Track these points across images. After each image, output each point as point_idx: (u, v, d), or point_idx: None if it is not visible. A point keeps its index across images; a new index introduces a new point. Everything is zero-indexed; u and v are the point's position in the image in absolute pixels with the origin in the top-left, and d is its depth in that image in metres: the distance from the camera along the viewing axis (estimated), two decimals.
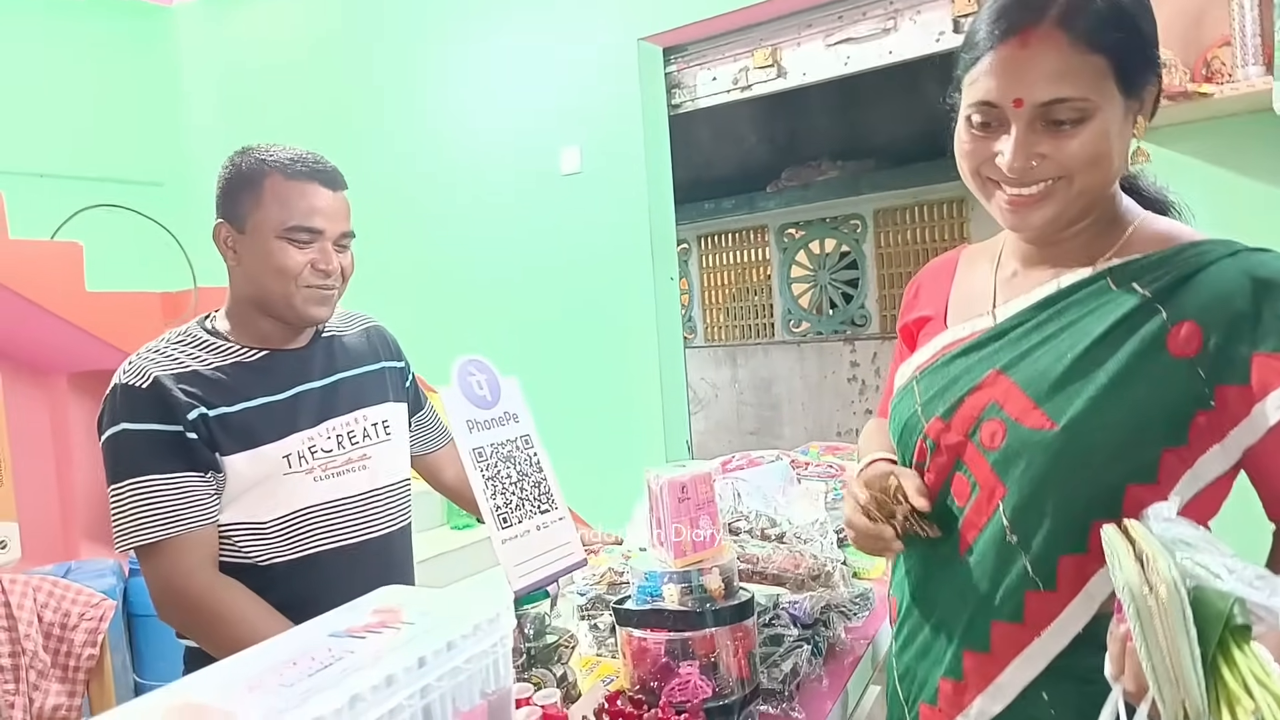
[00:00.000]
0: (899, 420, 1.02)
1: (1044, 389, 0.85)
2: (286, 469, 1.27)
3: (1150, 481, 0.81)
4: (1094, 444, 0.82)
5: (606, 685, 1.11)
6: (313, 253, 1.26)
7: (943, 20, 2.62)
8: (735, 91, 3.06)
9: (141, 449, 1.20)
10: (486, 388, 1.02)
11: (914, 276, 1.15)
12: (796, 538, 1.48)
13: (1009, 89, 0.82)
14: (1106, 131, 0.81)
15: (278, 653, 0.55)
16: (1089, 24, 0.79)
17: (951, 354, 0.96)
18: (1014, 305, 0.93)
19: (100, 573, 3.25)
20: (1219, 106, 1.89)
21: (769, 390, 5.81)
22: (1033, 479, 0.85)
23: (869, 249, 5.39)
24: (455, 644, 0.57)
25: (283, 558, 1.27)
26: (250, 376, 1.29)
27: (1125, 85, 0.82)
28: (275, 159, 1.27)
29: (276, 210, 1.25)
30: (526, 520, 0.98)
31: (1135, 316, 0.83)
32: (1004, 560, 0.88)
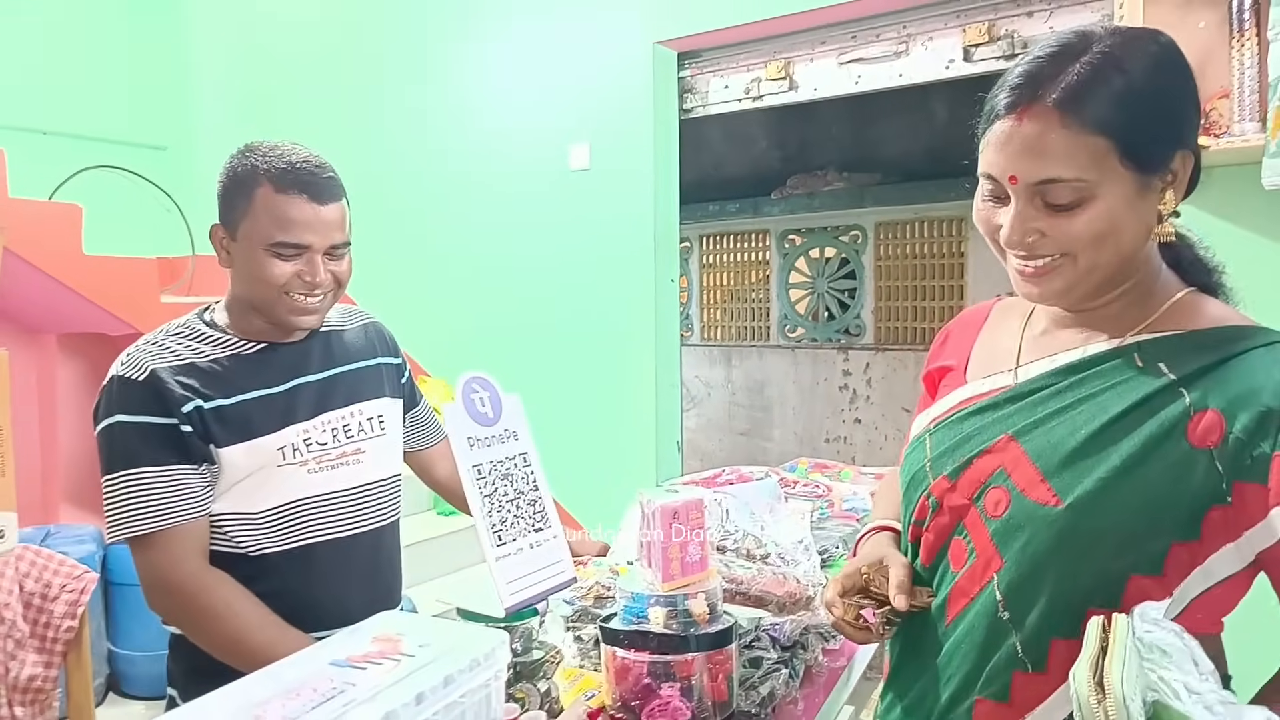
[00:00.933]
0: (908, 471, 1.00)
1: (1054, 463, 0.82)
2: (281, 460, 1.28)
3: (1156, 574, 0.78)
4: (1100, 528, 0.79)
5: (588, 700, 1.13)
6: (299, 264, 1.26)
7: (953, 48, 2.64)
8: (746, 101, 3.07)
9: (135, 440, 1.21)
10: (489, 405, 1.03)
11: (945, 325, 1.13)
12: (781, 559, 1.50)
13: (1006, 165, 0.82)
14: (1109, 211, 0.79)
15: (281, 681, 0.57)
16: (1088, 105, 0.78)
17: (967, 410, 0.94)
18: (1036, 367, 0.91)
19: (80, 538, 3.25)
20: (1215, 158, 1.92)
21: (761, 392, 5.84)
22: (1032, 555, 0.82)
23: (868, 260, 5.41)
24: (453, 679, 0.59)
25: (274, 548, 1.29)
26: (247, 368, 1.30)
27: (1136, 163, 0.79)
28: (270, 167, 1.25)
29: (265, 223, 1.25)
30: (521, 538, 1.00)
31: (1157, 398, 0.80)
32: (994, 635, 0.85)
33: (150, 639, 3.32)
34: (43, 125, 3.79)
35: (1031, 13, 2.48)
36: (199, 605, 1.20)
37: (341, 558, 1.34)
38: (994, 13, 2.55)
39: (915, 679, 0.95)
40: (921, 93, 3.31)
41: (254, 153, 1.28)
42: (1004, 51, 2.49)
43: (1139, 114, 0.79)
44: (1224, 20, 1.91)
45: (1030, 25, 2.48)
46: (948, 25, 2.65)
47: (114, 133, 4.02)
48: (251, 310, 1.33)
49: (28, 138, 3.68)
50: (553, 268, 3.33)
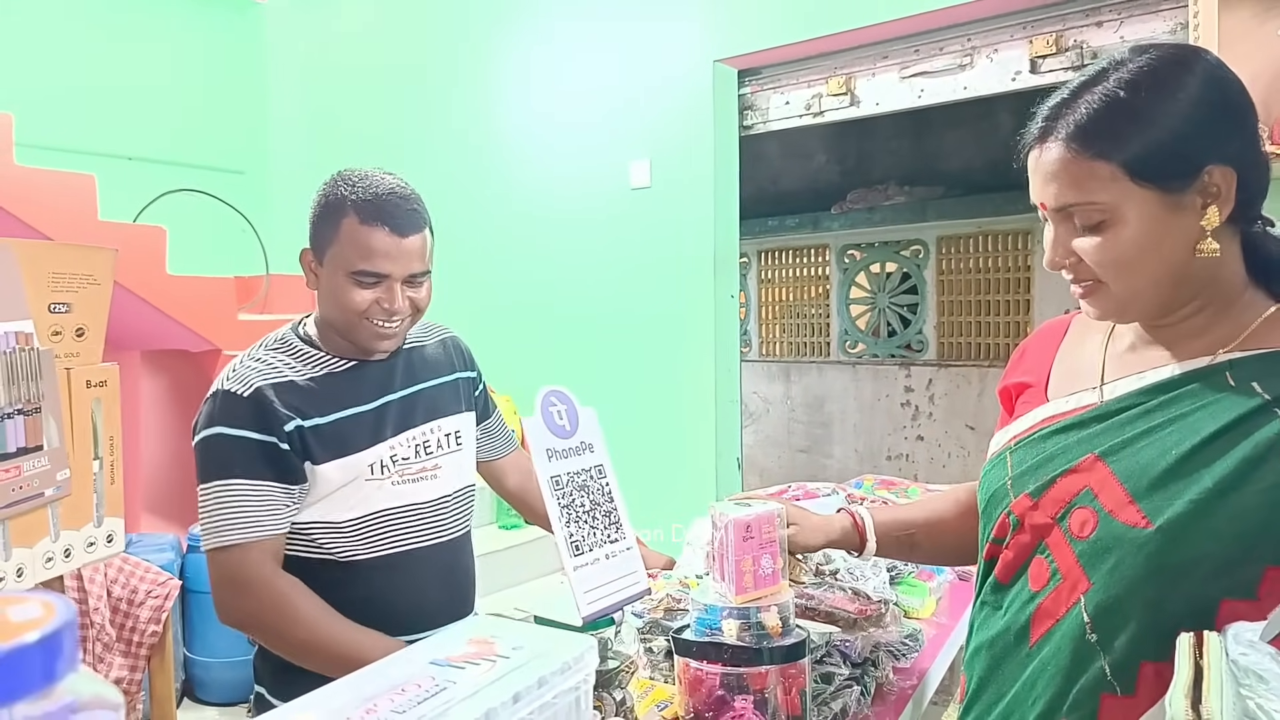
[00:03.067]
0: (987, 489, 0.99)
1: (1144, 484, 0.81)
2: (369, 475, 1.33)
3: (1250, 598, 0.76)
4: (1191, 552, 0.78)
5: (661, 711, 1.15)
6: (379, 292, 1.30)
7: (1020, 60, 2.61)
8: (807, 117, 3.07)
9: (233, 453, 1.27)
10: (566, 418, 1.06)
11: (1023, 341, 1.12)
12: (850, 574, 1.50)
13: (1036, 193, 0.87)
14: (1136, 232, 0.81)
15: (387, 678, 0.60)
16: (1091, 136, 0.81)
17: (1050, 429, 0.93)
18: (1123, 385, 0.90)
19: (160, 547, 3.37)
20: None
21: (821, 409, 5.79)
22: (1121, 578, 0.81)
23: (930, 275, 5.34)
24: (546, 680, 0.61)
25: (360, 555, 1.34)
26: (341, 386, 1.36)
27: (1154, 182, 0.80)
28: (357, 197, 1.30)
29: (348, 252, 1.30)
30: (597, 549, 1.02)
31: (1251, 420, 0.78)
32: (1081, 658, 0.84)
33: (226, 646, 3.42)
34: (129, 151, 3.99)
35: (1101, 23, 2.44)
36: (264, 604, 1.25)
37: (422, 566, 1.39)
38: (1062, 23, 2.52)
39: (996, 701, 0.94)
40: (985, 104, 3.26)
41: (344, 182, 1.33)
42: (1073, 62, 2.45)
43: (1147, 136, 0.80)
44: None
45: (1100, 35, 2.44)
46: (1014, 37, 2.62)
47: (195, 158, 4.21)
48: (335, 333, 1.38)
49: (115, 163, 3.87)
50: (613, 284, 3.37)
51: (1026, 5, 2.55)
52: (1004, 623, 0.93)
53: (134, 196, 3.85)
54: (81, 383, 1.28)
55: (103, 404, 1.31)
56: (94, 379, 1.30)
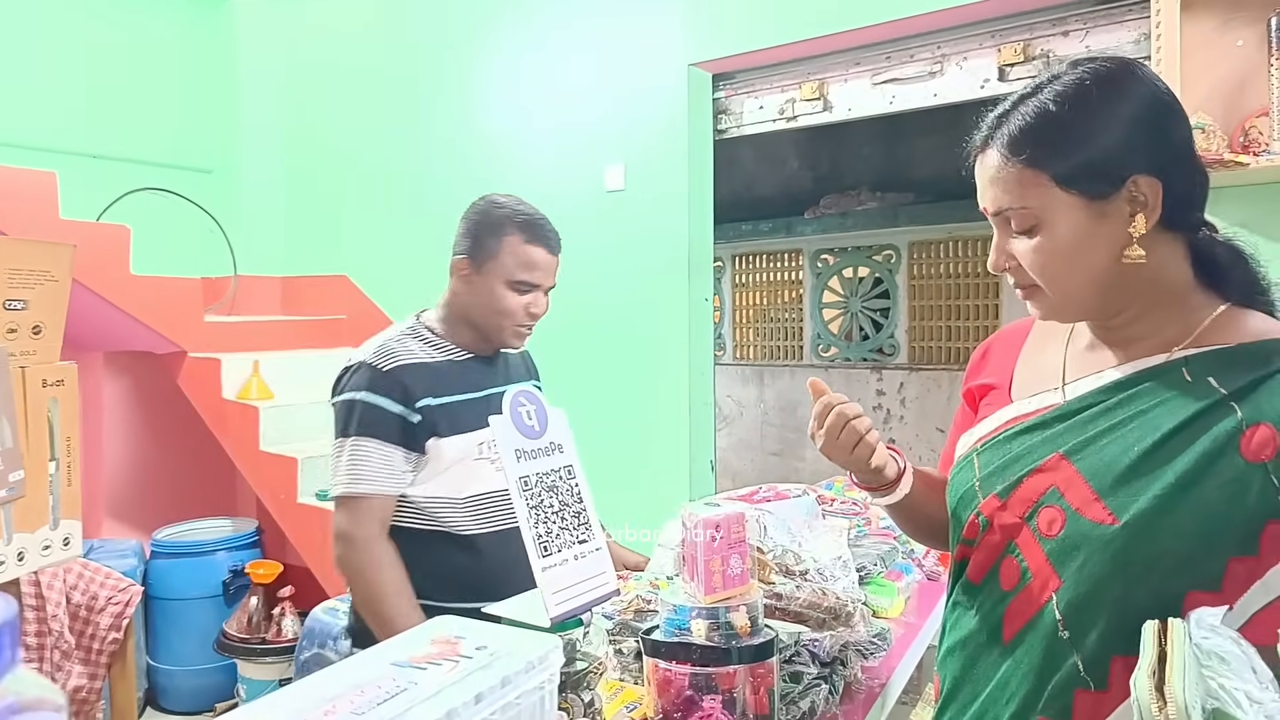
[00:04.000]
0: (955, 492, 1.00)
1: (1108, 482, 0.83)
2: (477, 455, 1.57)
3: (1214, 590, 0.78)
4: (1157, 546, 0.79)
5: (630, 712, 1.14)
6: (528, 299, 1.61)
7: (988, 68, 2.64)
8: (781, 121, 3.08)
9: (370, 416, 1.50)
10: (535, 418, 1.05)
11: (984, 341, 1.14)
12: (820, 574, 1.50)
13: (980, 198, 0.92)
14: (1060, 240, 0.85)
15: (347, 679, 0.58)
16: (1022, 144, 0.85)
17: (1015, 429, 0.94)
18: (1084, 384, 0.92)
19: (122, 553, 3.32)
20: (1253, 175, 1.90)
21: (794, 412, 5.82)
22: (1091, 575, 0.82)
23: (901, 280, 5.39)
24: (510, 680, 0.60)
25: (473, 530, 1.57)
26: (460, 373, 1.61)
27: (1079, 190, 0.83)
28: (519, 219, 1.61)
29: (511, 264, 1.58)
30: (566, 549, 1.01)
31: (1209, 414, 0.80)
32: (1054, 655, 0.85)
33: (190, 653, 3.37)
34: (92, 149, 3.91)
35: (1067, 32, 2.48)
36: (363, 559, 1.47)
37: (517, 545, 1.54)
38: (1029, 32, 2.55)
39: (971, 701, 0.94)
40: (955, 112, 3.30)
41: (502, 205, 1.63)
42: (1040, 71, 2.49)
43: (1075, 148, 0.84)
44: (1263, 39, 1.90)
45: (1066, 44, 2.47)
46: (983, 45, 2.65)
47: (161, 156, 4.13)
48: (468, 327, 1.64)
49: (78, 161, 3.79)
50: (588, 287, 3.35)
51: (995, 14, 2.58)
52: (976, 622, 0.94)
53: (97, 195, 3.78)
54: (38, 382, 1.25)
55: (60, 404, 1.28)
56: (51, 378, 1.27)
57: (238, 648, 3.18)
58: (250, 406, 3.31)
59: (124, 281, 3.24)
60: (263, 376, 3.46)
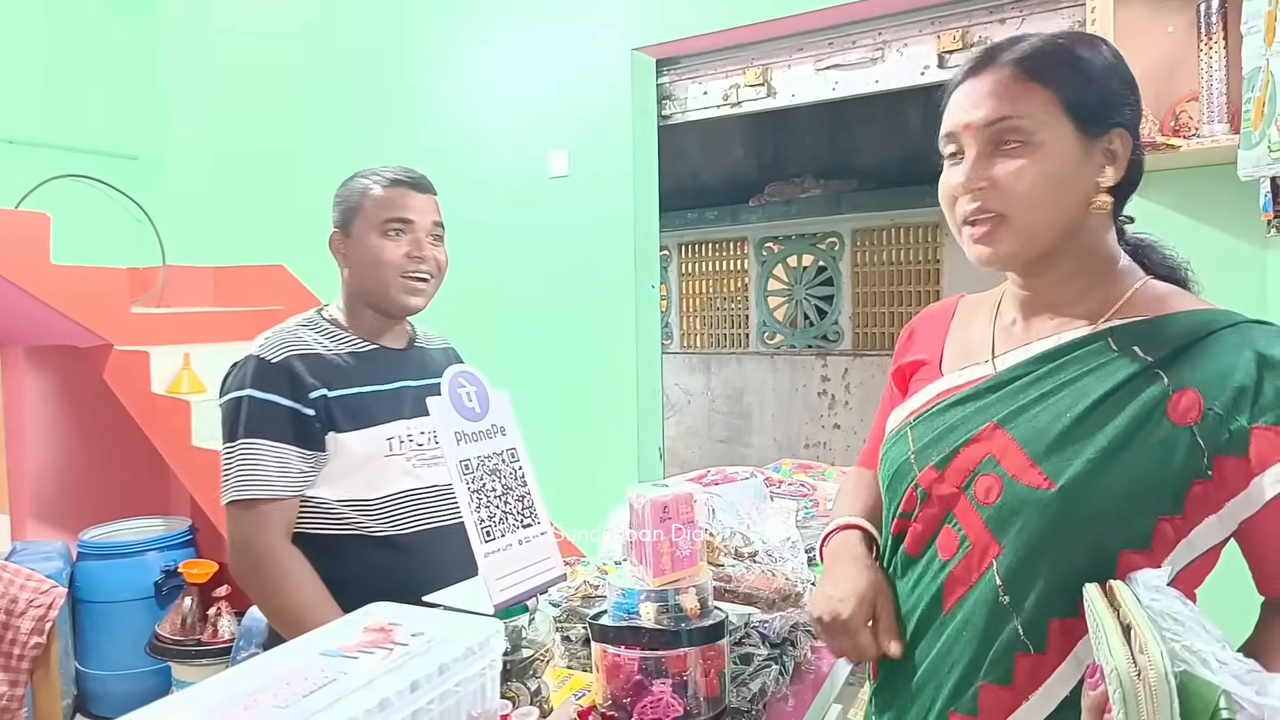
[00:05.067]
0: (890, 465, 1.00)
1: (1042, 448, 0.84)
2: (388, 451, 1.45)
3: (1144, 549, 0.80)
4: (1091, 508, 0.81)
5: (578, 700, 1.11)
6: (406, 244, 1.48)
7: (928, 55, 2.67)
8: (725, 107, 3.08)
9: (260, 415, 1.38)
10: (476, 400, 1.02)
11: (910, 321, 1.15)
12: (769, 556, 1.49)
13: (963, 115, 0.89)
14: (1048, 164, 0.85)
15: (270, 671, 0.55)
16: (1032, 59, 0.86)
17: (947, 402, 0.95)
18: (1013, 356, 0.93)
19: (47, 555, 3.18)
20: (1184, 158, 1.95)
21: (740, 399, 5.85)
22: (1028, 540, 0.84)
23: (845, 267, 5.45)
24: (448, 667, 0.57)
25: (390, 532, 1.45)
26: (362, 365, 1.49)
27: (1078, 119, 0.85)
28: (376, 175, 1.51)
29: (373, 209, 1.48)
30: (509, 534, 0.98)
31: (1137, 381, 0.83)
32: (995, 621, 0.86)
33: (120, 658, 3.25)
34: (9, 134, 3.71)
35: (1004, 20, 2.51)
36: (269, 573, 1.36)
37: (444, 544, 1.47)
38: (968, 19, 2.58)
39: (911, 675, 0.94)
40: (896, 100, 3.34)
41: (362, 172, 1.54)
42: None
43: (1081, 77, 0.86)
44: (1192, 25, 1.94)
45: (1003, 31, 2.50)
46: (922, 32, 2.68)
47: (83, 141, 3.95)
48: (364, 307, 1.53)
49: None
50: (533, 274, 3.31)
51: (933, 2, 2.61)
52: (916, 595, 0.95)
53: (15, 183, 3.60)
54: None
55: None
56: None
57: (171, 650, 3.07)
58: (181, 401, 3.19)
59: (44, 272, 3.09)
60: (194, 369, 3.34)
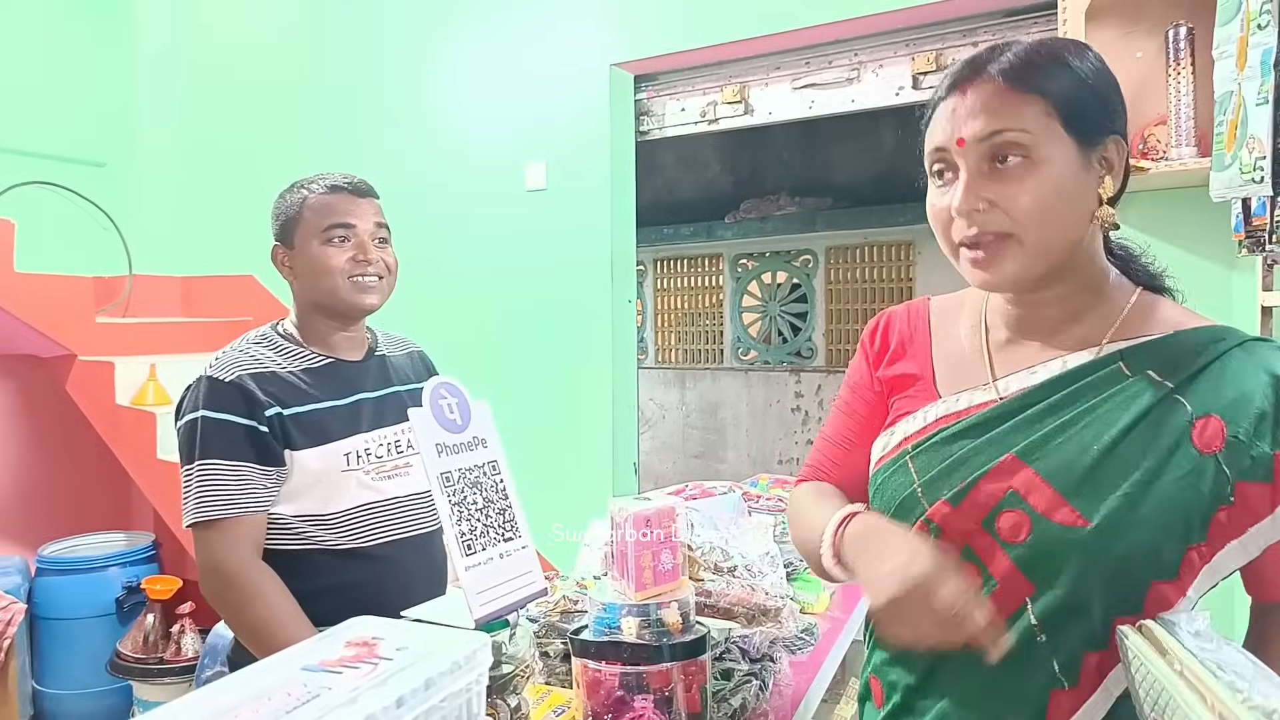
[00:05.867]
0: (889, 498, 0.93)
1: (1072, 483, 0.81)
2: (345, 466, 1.44)
3: (1172, 578, 0.79)
4: (1127, 544, 0.79)
5: (558, 716, 1.10)
6: (351, 249, 1.47)
7: (903, 76, 2.71)
8: (702, 124, 3.09)
9: (215, 436, 1.36)
10: (457, 411, 1.00)
11: (876, 323, 1.06)
12: (748, 570, 1.49)
13: (954, 130, 0.83)
14: (1054, 179, 0.80)
15: (249, 687, 0.53)
16: (1024, 70, 0.82)
17: (951, 430, 0.90)
18: (1016, 380, 0.89)
19: (5, 570, 3.10)
20: (1152, 181, 1.99)
21: (715, 415, 5.85)
22: (1067, 579, 0.81)
23: (819, 284, 5.49)
24: (434, 682, 0.56)
25: (349, 546, 1.44)
26: (317, 381, 1.47)
27: (1074, 129, 0.81)
28: (313, 184, 1.50)
29: (315, 218, 1.47)
30: (490, 548, 0.97)
31: (1159, 408, 0.81)
32: (1030, 660, 0.83)
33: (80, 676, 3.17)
34: None
35: (977, 42, 2.55)
36: (240, 591, 1.34)
37: (404, 555, 1.49)
38: (941, 42, 2.62)
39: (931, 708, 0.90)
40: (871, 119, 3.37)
41: (298, 183, 1.52)
42: None
43: (1075, 85, 0.82)
44: (1160, 50, 1.99)
45: None
46: (897, 54, 2.71)
47: (49, 147, 3.87)
48: (318, 317, 1.51)
49: None
50: (510, 287, 3.29)
51: (908, 24, 2.64)
52: None
53: None
54: None
55: None
56: None
57: (133, 668, 2.99)
58: (146, 412, 3.12)
59: (7, 279, 3.02)
60: (161, 381, 3.27)
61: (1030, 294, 0.89)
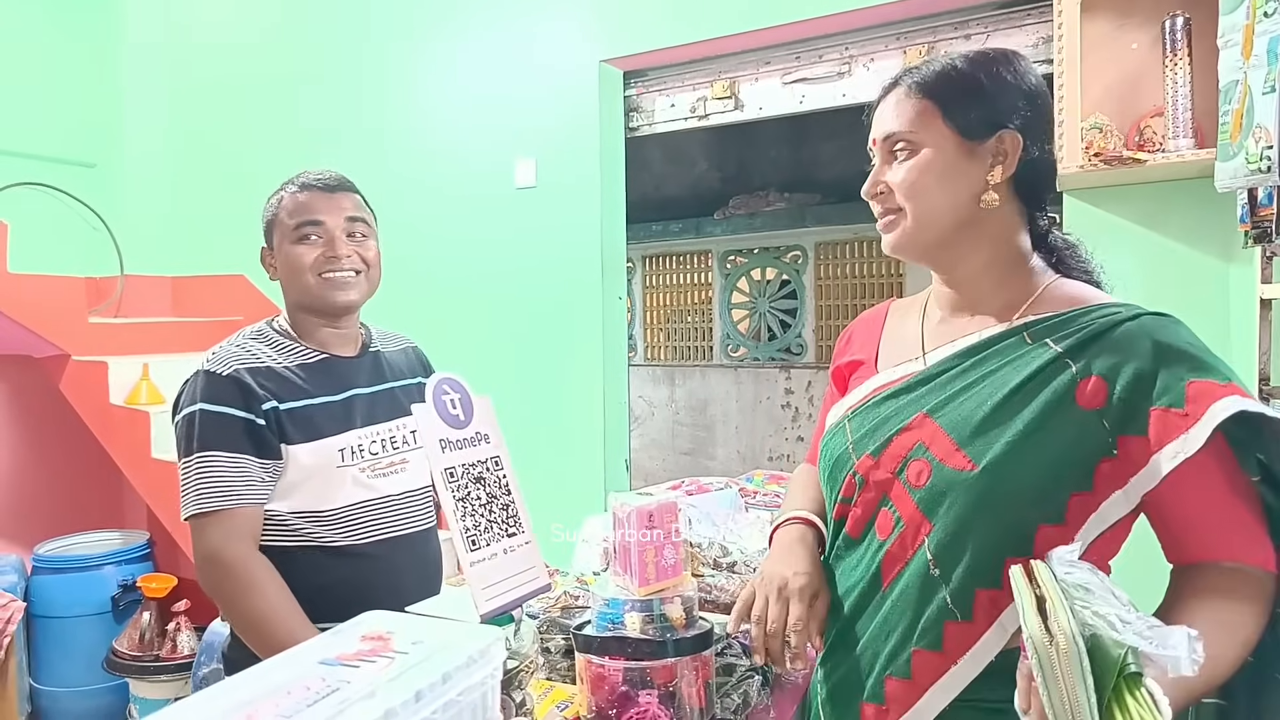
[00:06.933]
0: (830, 456, 1.08)
1: (966, 433, 0.93)
2: (340, 462, 1.43)
3: (1059, 523, 0.88)
4: (1010, 486, 0.89)
5: (562, 711, 1.11)
6: (321, 245, 1.46)
7: (894, 69, 2.67)
8: (692, 120, 3.09)
9: (213, 428, 1.36)
10: (460, 407, 1.01)
11: (846, 327, 1.25)
12: (747, 565, 1.50)
13: (870, 132, 1.04)
14: (929, 166, 0.97)
15: (268, 681, 0.53)
16: (921, 77, 0.99)
17: (882, 395, 1.04)
18: (941, 352, 1.03)
19: (2, 569, 3.09)
20: (1150, 173, 2.00)
21: (704, 411, 5.86)
22: (956, 517, 0.91)
23: (808, 280, 5.50)
24: (450, 676, 0.57)
25: (345, 542, 1.43)
26: (311, 377, 1.47)
27: (958, 128, 0.97)
28: (290, 183, 1.51)
29: (287, 218, 1.47)
30: (495, 543, 0.98)
31: (1049, 370, 0.91)
32: (926, 592, 0.93)
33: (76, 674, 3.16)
34: None
35: (969, 35, 2.56)
36: (237, 582, 1.33)
37: (398, 553, 1.48)
38: (933, 35, 2.63)
39: (854, 645, 1.01)
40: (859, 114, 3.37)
41: (284, 183, 1.53)
42: None
43: (960, 89, 0.98)
44: (1156, 41, 1.99)
45: (968, 47, 2.55)
46: (889, 47, 2.72)
47: (39, 148, 3.84)
48: (303, 314, 1.51)
49: None
50: (499, 284, 3.29)
51: (900, 17, 2.65)
52: (858, 573, 1.01)
53: None
54: None
55: None
56: None
57: (129, 666, 2.98)
58: (140, 412, 3.11)
59: (1, 280, 3.01)
60: (153, 380, 3.26)
61: (946, 270, 1.04)
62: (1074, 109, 2.02)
